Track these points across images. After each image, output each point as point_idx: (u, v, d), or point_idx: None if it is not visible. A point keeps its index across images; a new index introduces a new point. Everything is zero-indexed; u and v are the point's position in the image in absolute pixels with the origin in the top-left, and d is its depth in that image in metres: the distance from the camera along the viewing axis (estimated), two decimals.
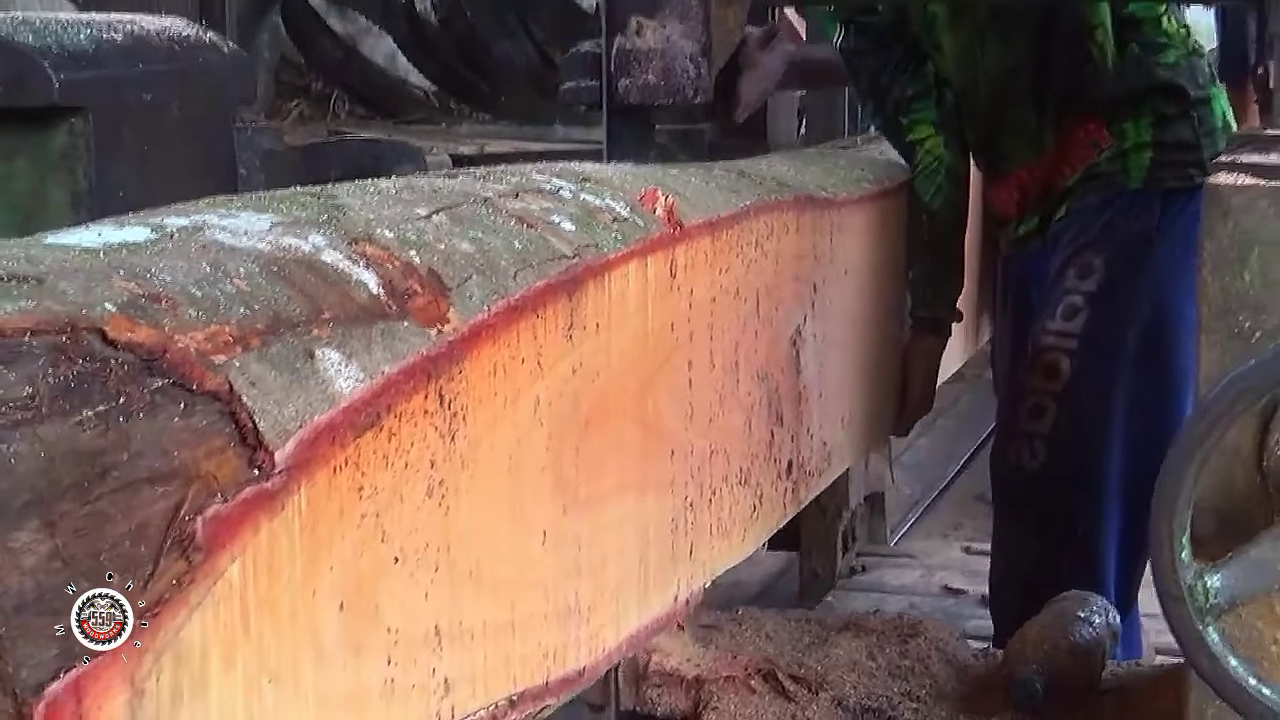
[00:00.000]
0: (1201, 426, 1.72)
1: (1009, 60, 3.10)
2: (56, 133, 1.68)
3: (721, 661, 2.48)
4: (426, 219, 1.57)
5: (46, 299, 1.15)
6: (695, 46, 2.53)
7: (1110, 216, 3.06)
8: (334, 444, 1.27)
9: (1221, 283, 1.86)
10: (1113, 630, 2.53)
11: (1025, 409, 3.05)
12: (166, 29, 1.81)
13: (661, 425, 1.94)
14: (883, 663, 2.53)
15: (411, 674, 1.40)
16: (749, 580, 4.57)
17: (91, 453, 1.08)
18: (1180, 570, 1.75)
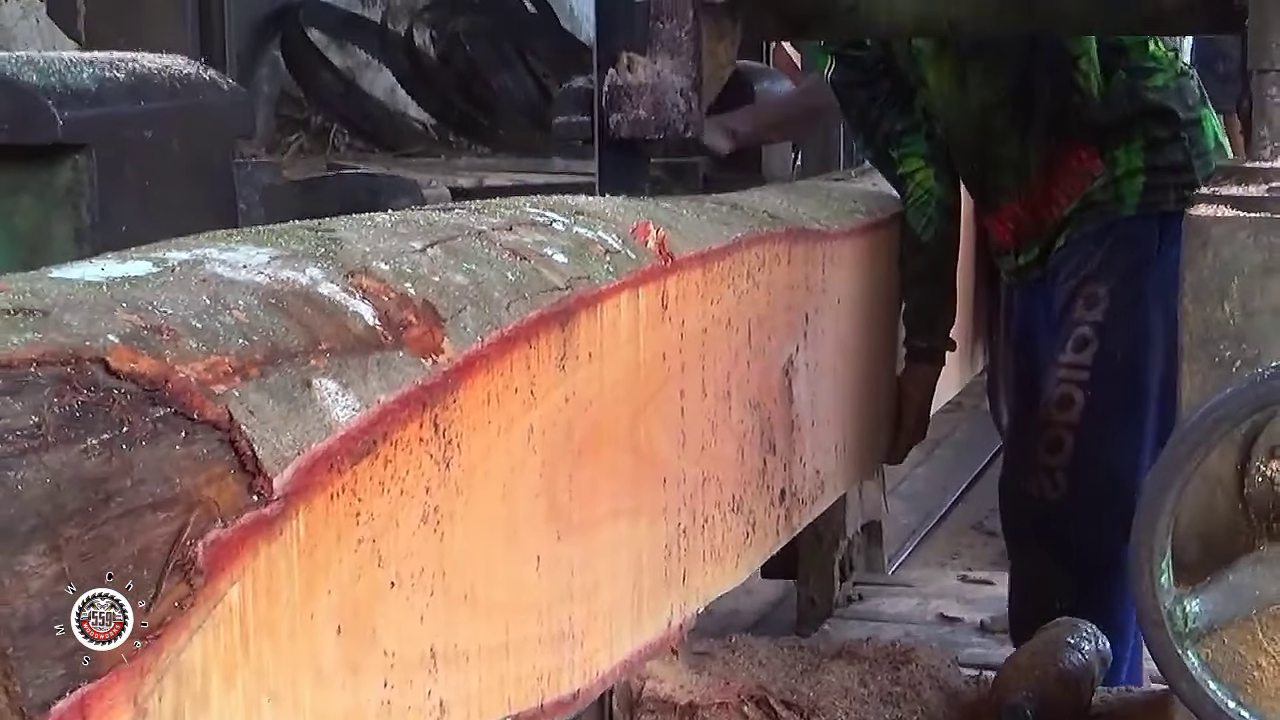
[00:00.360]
0: (1180, 453, 1.74)
1: (992, 95, 3.12)
2: (60, 169, 1.72)
3: (714, 688, 2.46)
4: (422, 252, 1.61)
5: (52, 331, 1.18)
6: (686, 81, 2.57)
7: (1110, 245, 3.07)
8: (331, 471, 1.31)
9: (1203, 313, 1.88)
10: (1102, 657, 2.54)
11: (1043, 443, 3.07)
12: (167, 67, 1.85)
13: (654, 453, 1.97)
14: (874, 689, 2.53)
15: (408, 696, 1.44)
16: (746, 609, 4.60)
17: (96, 479, 1.11)
18: (1160, 595, 1.76)
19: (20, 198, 1.73)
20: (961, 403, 6.30)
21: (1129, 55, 3.07)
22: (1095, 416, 3.01)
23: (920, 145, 3.27)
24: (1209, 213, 1.89)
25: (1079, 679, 2.46)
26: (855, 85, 3.32)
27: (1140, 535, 1.75)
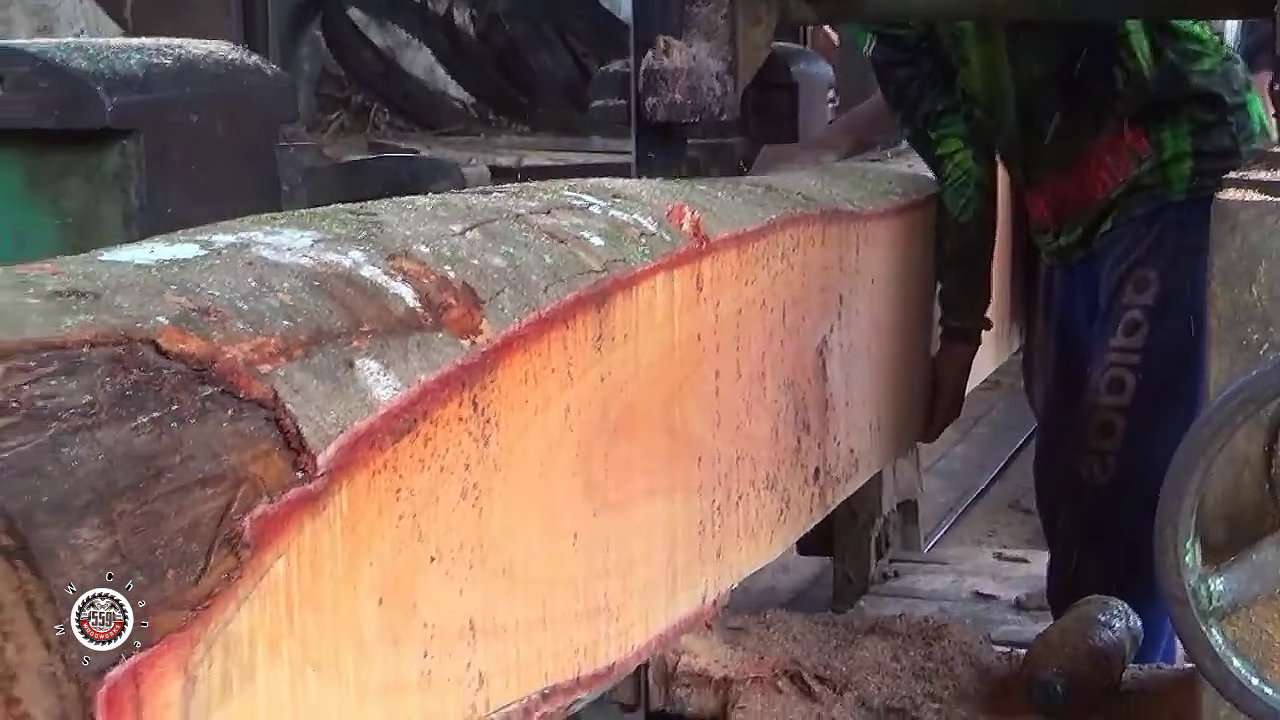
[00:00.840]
0: (1205, 434, 1.76)
1: (1039, 70, 3.13)
2: (109, 154, 1.77)
3: (749, 662, 2.51)
4: (461, 235, 1.64)
5: (104, 313, 1.23)
6: (721, 65, 2.59)
7: (1160, 229, 3.06)
8: (373, 448, 1.35)
9: (1230, 296, 1.90)
10: (1133, 634, 2.56)
11: (1093, 426, 3.07)
12: (212, 53, 1.89)
13: (689, 432, 2.01)
14: (907, 664, 2.56)
15: (447, 667, 1.48)
16: (783, 585, 4.64)
17: (147, 456, 1.16)
18: (1184, 574, 1.78)
19: (70, 181, 1.77)
20: (1000, 381, 6.31)
21: (1176, 38, 3.07)
22: (1147, 400, 3.02)
23: (959, 126, 3.28)
24: (1237, 197, 1.91)
25: (1110, 656, 2.48)
26: (896, 64, 3.33)
27: (1165, 515, 1.77)
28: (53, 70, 1.70)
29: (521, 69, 9.28)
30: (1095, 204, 3.16)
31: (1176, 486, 1.76)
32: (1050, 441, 3.37)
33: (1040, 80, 3.13)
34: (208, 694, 1.16)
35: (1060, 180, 3.21)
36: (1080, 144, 3.15)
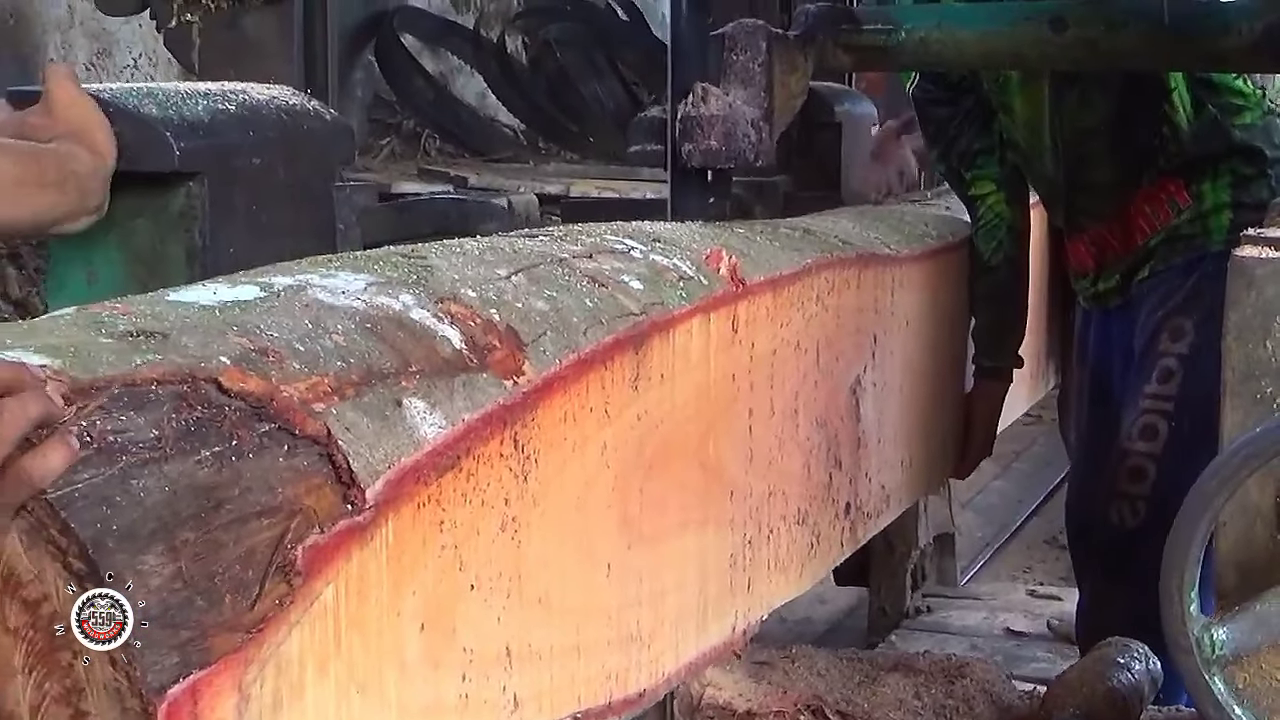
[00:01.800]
0: (1211, 486, 1.82)
1: (1088, 121, 3.16)
2: (175, 195, 1.86)
3: (772, 696, 2.52)
4: (506, 279, 1.73)
5: (170, 353, 1.32)
6: (758, 112, 2.64)
7: (1197, 279, 3.07)
8: (418, 483, 1.43)
9: (1245, 350, 1.97)
10: (1153, 677, 2.55)
11: (1124, 471, 3.09)
12: (274, 99, 1.98)
13: (722, 468, 2.09)
14: (928, 701, 2.56)
15: (484, 690, 1.56)
16: (819, 616, 4.69)
17: (209, 488, 1.24)
18: (1189, 623, 1.84)
19: (138, 221, 1.87)
20: (1041, 415, 6.35)
21: (1218, 92, 3.10)
22: (1178, 448, 3.02)
23: (994, 169, 3.33)
24: (1254, 254, 1.98)
25: (1128, 698, 2.48)
26: (937, 102, 3.38)
27: (1171, 564, 1.84)
28: (125, 115, 1.79)
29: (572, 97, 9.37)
30: (1134, 252, 3.20)
31: (1182, 537, 1.83)
32: (1082, 484, 3.38)
33: (1086, 132, 3.17)
34: (260, 710, 1.24)
35: (1101, 228, 3.25)
36: (1122, 195, 3.18)
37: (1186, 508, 1.84)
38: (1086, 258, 3.31)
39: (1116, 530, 3.10)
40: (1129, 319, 3.24)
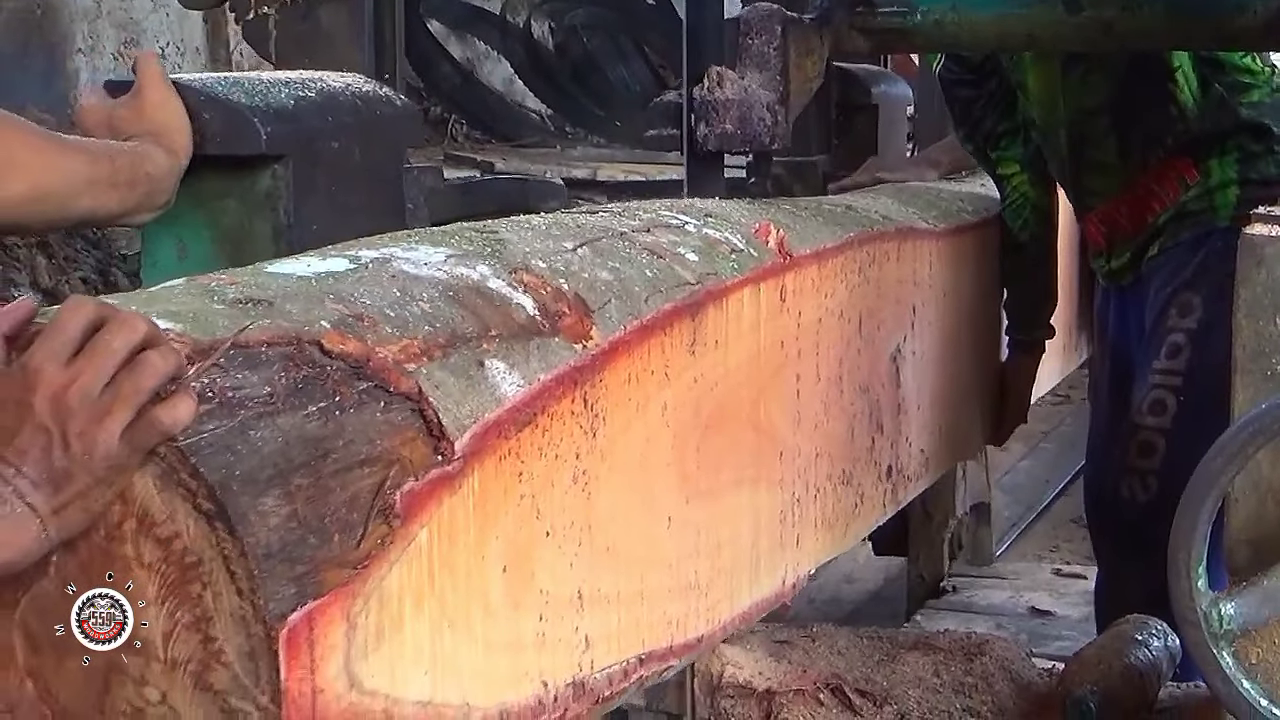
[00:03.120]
0: (1218, 463, 1.85)
1: (1089, 101, 3.22)
2: (262, 177, 1.99)
3: (792, 675, 2.53)
4: (573, 251, 1.86)
5: (277, 318, 1.45)
6: (773, 96, 2.67)
7: (1205, 255, 3.10)
8: (500, 437, 1.56)
9: (1255, 328, 2.01)
10: (1171, 653, 2.57)
11: (1135, 446, 3.11)
12: (349, 86, 2.11)
13: (772, 429, 2.21)
14: (947, 679, 2.57)
15: (559, 630, 1.69)
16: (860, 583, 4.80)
17: (317, 439, 1.37)
18: (1196, 597, 1.86)
19: (227, 201, 2.00)
20: (1069, 395, 6.41)
21: (1224, 70, 3.12)
22: (1188, 421, 3.04)
23: (1017, 150, 3.41)
24: (1263, 231, 2.02)
25: (1145, 674, 2.50)
26: (961, 83, 3.44)
27: (1179, 540, 1.86)
28: (216, 103, 1.92)
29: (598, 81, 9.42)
30: (1144, 230, 3.24)
31: (1190, 512, 1.86)
32: (1096, 460, 3.45)
33: (1091, 111, 3.22)
34: (365, 640, 1.37)
35: (1110, 206, 3.29)
36: (1130, 174, 3.22)
37: (1193, 483, 1.86)
38: (1098, 236, 3.36)
39: (1128, 505, 3.14)
40: (1141, 296, 3.28)
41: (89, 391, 1.27)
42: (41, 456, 1.26)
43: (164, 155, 1.92)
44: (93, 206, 1.87)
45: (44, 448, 1.27)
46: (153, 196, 1.92)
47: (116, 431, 1.27)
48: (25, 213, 1.81)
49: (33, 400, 1.27)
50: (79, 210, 1.87)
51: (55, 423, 1.26)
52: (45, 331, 1.30)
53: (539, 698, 1.66)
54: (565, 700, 1.70)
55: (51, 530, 1.27)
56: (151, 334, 1.29)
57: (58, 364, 1.28)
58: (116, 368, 1.28)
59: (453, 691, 1.50)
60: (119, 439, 1.27)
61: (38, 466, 1.26)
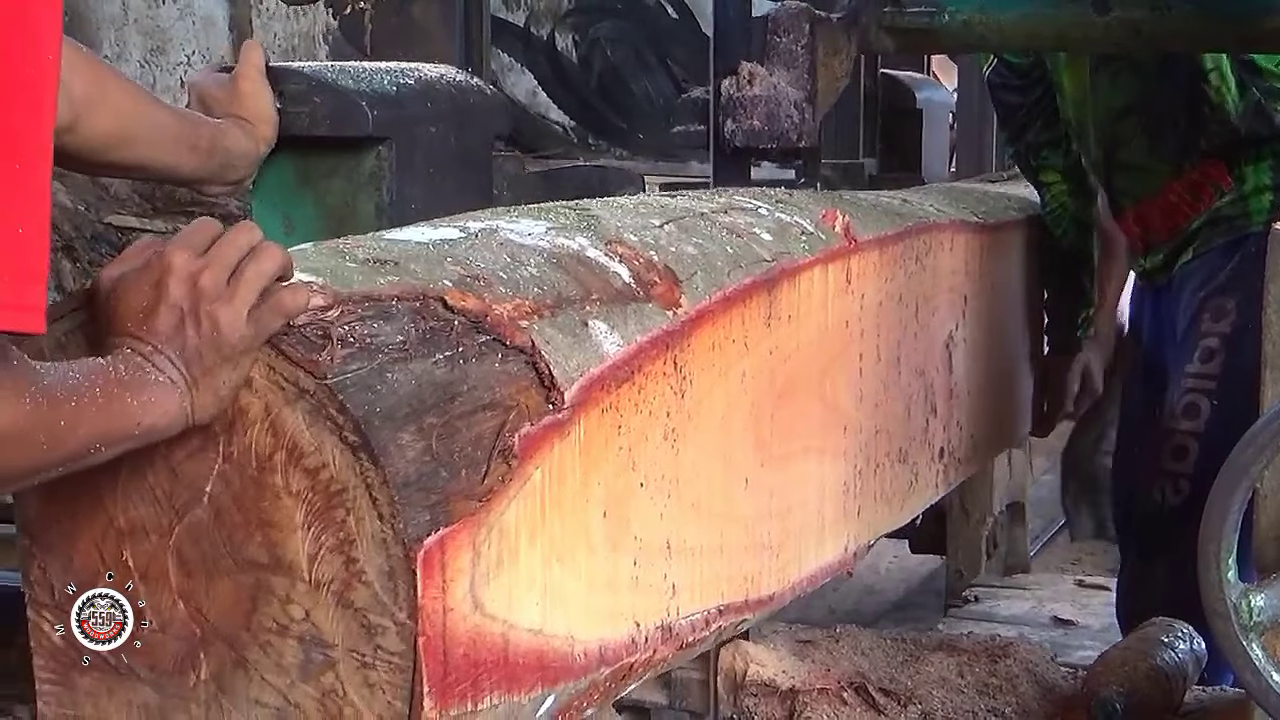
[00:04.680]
0: (1248, 455, 1.86)
1: (1118, 100, 3.24)
2: (367, 157, 2.13)
3: (815, 674, 2.56)
4: (660, 227, 1.99)
5: (404, 275, 1.58)
6: (800, 94, 2.68)
7: (1239, 259, 3.11)
8: (602, 391, 1.69)
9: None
10: (1196, 656, 2.58)
11: (1168, 449, 3.12)
12: (444, 75, 2.24)
13: (837, 404, 2.34)
14: (971, 680, 2.59)
15: (650, 575, 1.81)
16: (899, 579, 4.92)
17: (444, 384, 1.50)
18: (1226, 590, 1.86)
19: (334, 180, 2.13)
20: None
21: (1262, 75, 3.10)
22: (1221, 425, 3.02)
23: (1058, 160, 3.47)
24: None
25: (1171, 676, 2.50)
26: (1009, 88, 3.49)
27: (1208, 532, 1.87)
28: (328, 88, 2.06)
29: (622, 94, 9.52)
30: (1177, 234, 3.26)
31: (1219, 505, 1.87)
32: (1127, 460, 3.47)
33: (1121, 111, 3.24)
34: (487, 566, 1.50)
35: (1143, 208, 3.32)
36: (1162, 176, 3.24)
37: (1223, 475, 1.86)
38: (1133, 236, 3.40)
39: (1159, 508, 3.15)
40: (1175, 299, 3.30)
41: (218, 275, 1.41)
42: (175, 334, 1.39)
43: (245, 138, 2.06)
44: (172, 164, 1.99)
45: (177, 326, 1.39)
46: (226, 171, 2.05)
47: (243, 310, 1.40)
48: (114, 154, 1.93)
49: (169, 282, 1.40)
50: (161, 164, 1.99)
51: (188, 303, 1.39)
52: (179, 235, 1.44)
53: (632, 637, 1.78)
54: (654, 642, 1.83)
55: (188, 404, 1.39)
56: (256, 236, 1.43)
57: (190, 254, 1.41)
58: (240, 258, 1.42)
59: (560, 622, 1.63)
60: (245, 318, 1.40)
61: (172, 343, 1.39)
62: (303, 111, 2.05)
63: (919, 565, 5.06)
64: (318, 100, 2.06)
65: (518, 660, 1.56)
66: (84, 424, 1.29)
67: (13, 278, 1.19)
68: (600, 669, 1.72)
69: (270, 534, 1.44)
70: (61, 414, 1.27)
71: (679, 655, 1.93)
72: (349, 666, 1.43)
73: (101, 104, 1.87)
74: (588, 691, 1.73)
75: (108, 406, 1.32)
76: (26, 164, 1.19)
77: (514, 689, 1.56)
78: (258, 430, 1.43)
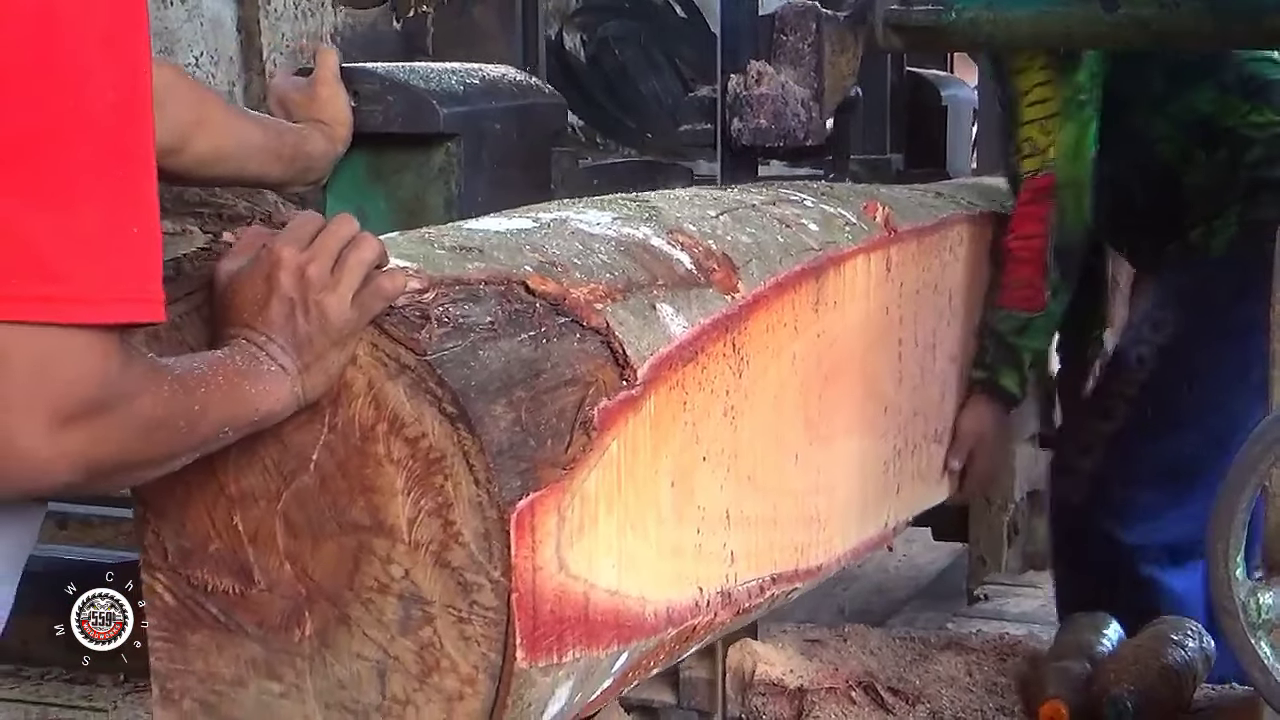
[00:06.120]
0: (1256, 451, 1.84)
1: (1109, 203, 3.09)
2: (436, 153, 2.24)
3: (824, 673, 2.60)
4: (716, 218, 2.11)
5: (489, 262, 1.70)
6: (807, 92, 2.71)
7: (1191, 279, 3.09)
8: (670, 369, 1.81)
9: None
10: (1206, 654, 2.60)
11: (1078, 446, 3.14)
12: (506, 75, 2.36)
13: (879, 386, 2.46)
14: (980, 679, 2.62)
15: (711, 543, 1.93)
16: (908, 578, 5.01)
17: (530, 361, 1.62)
18: (1235, 587, 1.84)
19: (405, 175, 2.25)
20: None
21: (1228, 132, 3.06)
22: (1129, 434, 3.05)
23: None
24: None
25: (1181, 674, 2.52)
26: None
27: (1217, 529, 1.85)
28: (400, 87, 2.18)
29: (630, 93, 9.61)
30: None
31: (1228, 502, 1.84)
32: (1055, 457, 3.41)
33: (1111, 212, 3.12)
34: (570, 530, 1.62)
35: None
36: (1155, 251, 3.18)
37: (1232, 472, 1.85)
38: None
39: (1062, 505, 3.18)
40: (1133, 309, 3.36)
41: (324, 265, 1.52)
42: (286, 324, 1.50)
43: (324, 140, 2.18)
44: (259, 172, 2.12)
45: (288, 316, 1.50)
46: (306, 173, 2.17)
47: (348, 295, 1.51)
48: (212, 170, 2.05)
49: (279, 276, 1.51)
50: (250, 173, 2.12)
51: (297, 293, 1.51)
52: (285, 229, 1.56)
53: (696, 601, 1.90)
54: (715, 606, 1.95)
55: (299, 388, 1.50)
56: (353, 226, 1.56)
57: (297, 248, 1.53)
58: (341, 248, 1.54)
59: (633, 585, 1.75)
60: (350, 303, 1.51)
61: (284, 333, 1.50)
62: (376, 110, 2.17)
63: (929, 564, 5.11)
64: (390, 99, 2.18)
65: (597, 618, 1.67)
66: (213, 410, 1.40)
67: (134, 274, 1.30)
68: (668, 629, 1.84)
69: (372, 499, 1.55)
70: (195, 400, 1.38)
71: (736, 620, 2.05)
72: (446, 621, 1.54)
73: (203, 127, 2.00)
74: (655, 650, 1.85)
75: (231, 394, 1.44)
76: (135, 173, 1.30)
77: (593, 644, 1.67)
78: (361, 403, 1.55)
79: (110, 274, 1.26)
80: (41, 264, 1.23)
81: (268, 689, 1.63)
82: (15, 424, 1.24)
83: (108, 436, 1.28)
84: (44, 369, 1.24)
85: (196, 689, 1.66)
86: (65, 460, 1.26)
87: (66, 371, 1.24)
